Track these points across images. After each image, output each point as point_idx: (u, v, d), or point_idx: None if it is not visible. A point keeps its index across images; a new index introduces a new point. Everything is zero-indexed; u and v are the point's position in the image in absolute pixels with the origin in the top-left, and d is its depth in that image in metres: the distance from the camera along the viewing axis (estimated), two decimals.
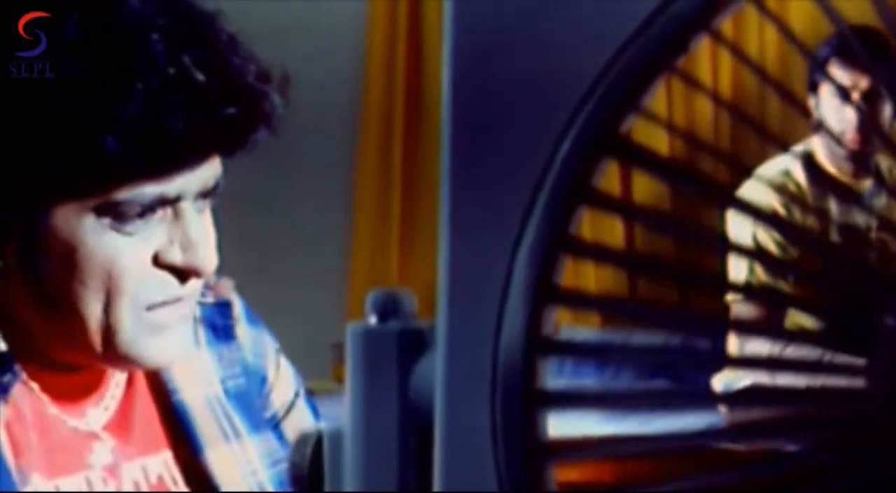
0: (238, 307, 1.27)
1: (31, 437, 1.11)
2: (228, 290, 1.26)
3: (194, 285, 1.12)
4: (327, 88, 4.30)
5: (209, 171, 1.09)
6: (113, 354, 1.10)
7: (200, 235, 1.10)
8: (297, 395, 1.30)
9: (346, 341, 0.55)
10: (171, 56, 1.03)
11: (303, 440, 0.59)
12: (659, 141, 3.20)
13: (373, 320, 0.56)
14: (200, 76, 1.04)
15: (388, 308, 0.56)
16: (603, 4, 0.49)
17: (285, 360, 1.30)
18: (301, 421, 1.29)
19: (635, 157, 0.49)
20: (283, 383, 1.29)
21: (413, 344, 0.54)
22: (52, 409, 1.14)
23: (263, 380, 1.27)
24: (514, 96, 0.50)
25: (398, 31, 4.39)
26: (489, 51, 0.50)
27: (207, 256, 1.10)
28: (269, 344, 1.29)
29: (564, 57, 0.49)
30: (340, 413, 0.55)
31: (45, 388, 1.14)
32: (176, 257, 1.09)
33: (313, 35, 4.31)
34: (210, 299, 1.24)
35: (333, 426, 0.56)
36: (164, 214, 1.08)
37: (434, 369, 0.51)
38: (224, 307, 1.26)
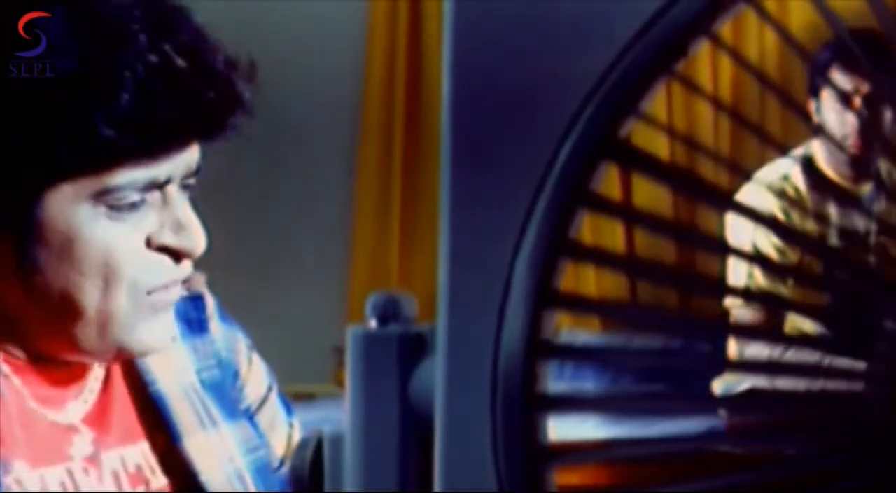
0: (211, 304, 1.30)
1: (15, 427, 1.13)
2: (201, 284, 1.29)
3: (186, 266, 1.16)
4: (328, 89, 4.30)
5: (191, 155, 1.14)
6: (106, 343, 1.13)
7: (189, 216, 1.15)
8: (269, 389, 1.34)
9: (346, 345, 0.55)
10: (152, 44, 1.09)
11: (303, 443, 0.59)
12: (659, 145, 3.20)
13: (373, 323, 0.56)
14: (181, 62, 1.10)
15: (389, 312, 0.56)
16: (602, 9, 0.49)
17: (257, 356, 1.34)
18: (274, 414, 1.33)
19: (635, 161, 0.49)
20: (256, 377, 1.33)
21: (413, 347, 0.54)
22: (32, 403, 1.16)
23: (236, 374, 1.31)
24: (513, 100, 0.50)
25: (399, 33, 4.39)
26: (489, 55, 0.50)
27: (197, 237, 1.15)
28: (242, 340, 1.33)
29: (564, 61, 0.49)
30: (341, 416, 0.55)
31: (28, 383, 1.16)
32: (168, 238, 1.13)
33: (314, 38, 4.31)
34: (183, 293, 1.26)
35: (334, 430, 0.57)
36: (153, 198, 1.12)
37: (434, 373, 0.51)
38: (197, 301, 1.30)
